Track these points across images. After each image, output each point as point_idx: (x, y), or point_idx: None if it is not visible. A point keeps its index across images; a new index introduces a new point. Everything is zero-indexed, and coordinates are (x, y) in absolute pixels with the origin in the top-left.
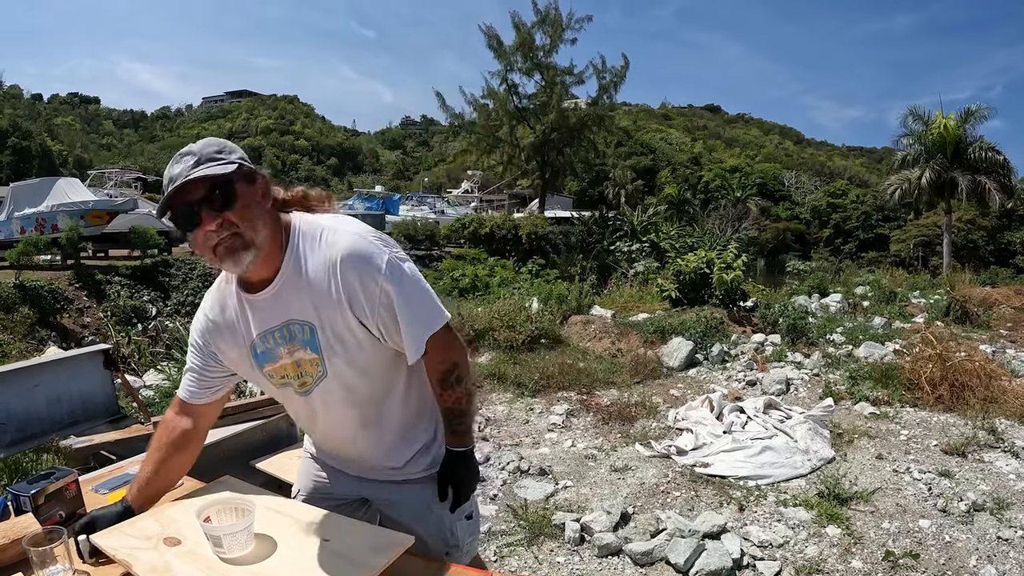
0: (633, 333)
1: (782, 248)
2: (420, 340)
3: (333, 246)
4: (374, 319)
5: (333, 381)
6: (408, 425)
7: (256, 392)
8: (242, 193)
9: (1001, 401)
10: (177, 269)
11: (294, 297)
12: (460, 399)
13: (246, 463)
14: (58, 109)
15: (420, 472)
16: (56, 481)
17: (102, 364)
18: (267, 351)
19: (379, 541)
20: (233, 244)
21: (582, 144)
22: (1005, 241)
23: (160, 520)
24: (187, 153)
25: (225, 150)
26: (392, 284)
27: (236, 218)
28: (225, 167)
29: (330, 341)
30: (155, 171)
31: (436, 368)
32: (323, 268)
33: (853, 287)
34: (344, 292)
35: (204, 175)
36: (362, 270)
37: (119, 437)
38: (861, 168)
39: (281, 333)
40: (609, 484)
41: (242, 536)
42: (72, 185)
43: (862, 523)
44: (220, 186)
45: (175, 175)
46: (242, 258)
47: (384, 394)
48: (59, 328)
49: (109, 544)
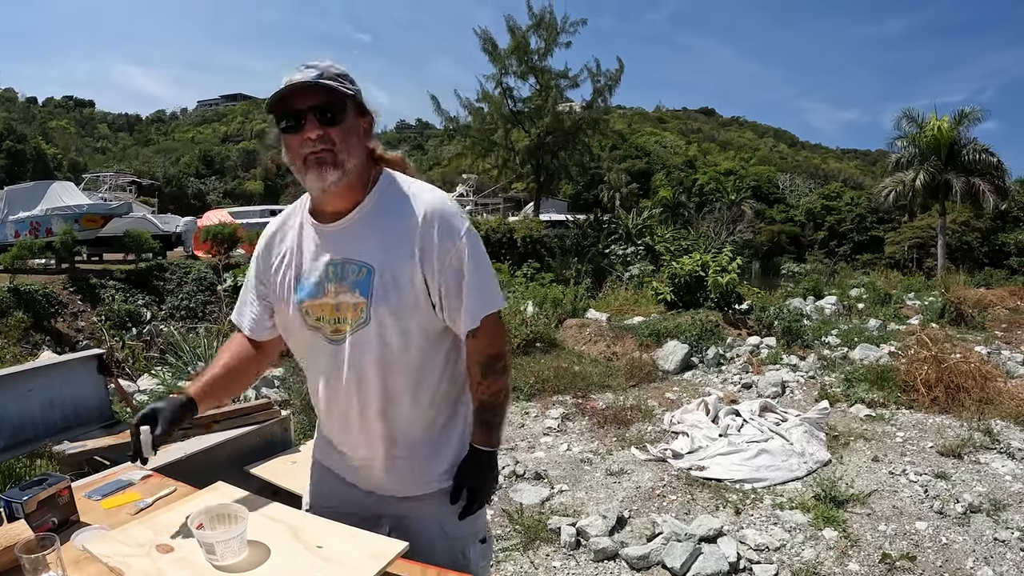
0: (628, 336)
1: (777, 251)
2: (478, 313)
3: (420, 198)
4: (439, 279)
5: (372, 331)
6: (432, 418)
7: (251, 397)
8: (350, 117)
9: (996, 402)
10: (172, 273)
11: (364, 235)
12: (499, 392)
13: (241, 468)
14: (53, 112)
15: (433, 484)
16: (49, 487)
17: (96, 369)
18: (314, 284)
19: (373, 547)
20: (324, 158)
21: (577, 147)
22: (999, 243)
23: (152, 527)
24: (312, 66)
25: (348, 78)
26: (467, 250)
27: (337, 136)
28: (344, 87)
29: (386, 287)
30: (150, 174)
31: (483, 351)
32: (405, 215)
33: (848, 289)
34: (420, 242)
35: (325, 84)
36: (444, 227)
37: (113, 442)
38: (855, 171)
39: (335, 269)
40: (605, 488)
41: (235, 543)
42: (67, 189)
43: (858, 526)
44: (334, 102)
45: (294, 80)
46: (327, 175)
47: (417, 366)
48: (53, 332)
49: (101, 551)
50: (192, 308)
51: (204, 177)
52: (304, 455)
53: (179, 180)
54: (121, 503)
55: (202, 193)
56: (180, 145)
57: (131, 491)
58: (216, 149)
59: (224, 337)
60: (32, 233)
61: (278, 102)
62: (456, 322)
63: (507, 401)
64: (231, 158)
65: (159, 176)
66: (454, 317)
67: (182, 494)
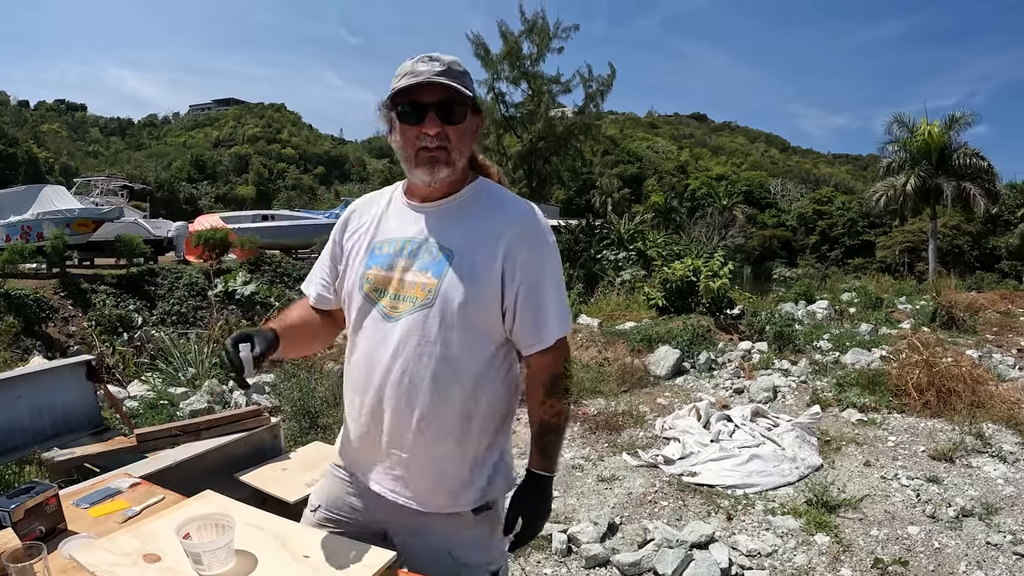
0: (620, 342)
1: (768, 255)
2: (556, 331)
3: (514, 202)
4: (518, 281)
5: (435, 315)
6: (475, 432)
7: (241, 403)
8: (469, 118)
9: (988, 406)
10: (163, 278)
11: (451, 222)
12: (560, 413)
13: (230, 476)
14: (45, 116)
15: (456, 505)
16: (36, 496)
17: (85, 375)
18: (386, 256)
19: (361, 557)
20: (438, 156)
21: (569, 153)
22: (990, 246)
23: (139, 536)
24: (435, 59)
25: (469, 76)
26: (550, 263)
27: (454, 135)
28: (467, 90)
29: (463, 272)
30: (141, 179)
31: (548, 370)
32: (497, 212)
33: (839, 294)
34: (507, 239)
35: (452, 84)
36: (533, 233)
37: (102, 449)
38: (847, 175)
39: (412, 247)
40: (596, 494)
41: (222, 553)
42: (58, 193)
43: (851, 531)
44: (459, 101)
45: (419, 72)
46: (438, 172)
47: (472, 370)
48: (44, 337)
49: (88, 560)
50: (183, 313)
51: (196, 182)
52: (295, 462)
53: (171, 184)
54: (109, 511)
55: (194, 198)
56: (172, 149)
57: (119, 499)
58: (208, 154)
59: (216, 343)
60: (23, 237)
61: (401, 94)
62: (526, 335)
63: (567, 424)
64: (223, 163)
65: (151, 180)
66: (525, 329)
67: (170, 502)
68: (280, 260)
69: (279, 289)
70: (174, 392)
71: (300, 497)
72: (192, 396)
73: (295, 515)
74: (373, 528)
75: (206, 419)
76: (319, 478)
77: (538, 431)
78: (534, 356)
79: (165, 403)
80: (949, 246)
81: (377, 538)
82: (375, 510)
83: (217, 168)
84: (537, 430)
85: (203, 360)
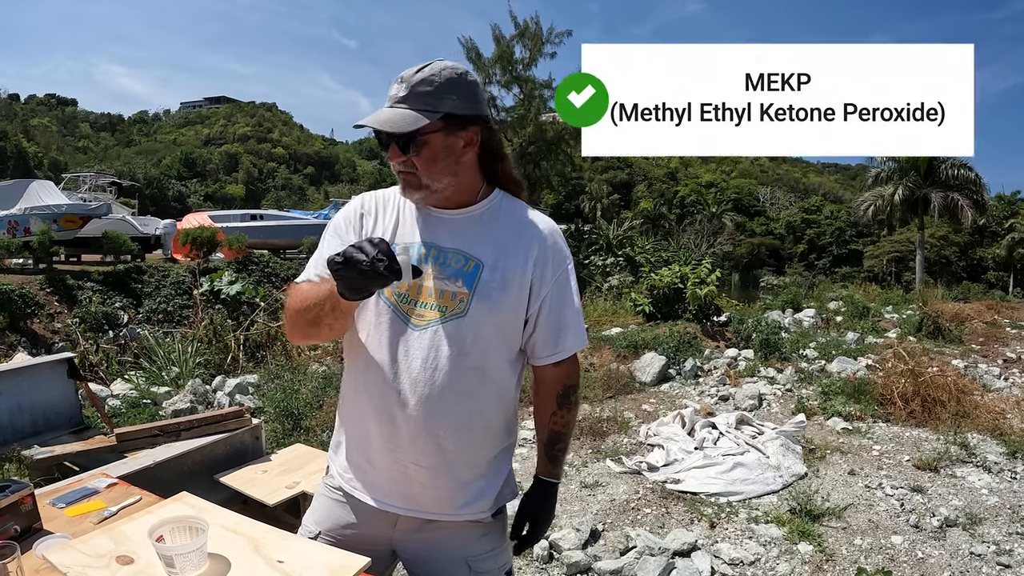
0: (606, 348)
1: (756, 263)
2: (574, 344)
3: (539, 217)
4: (543, 296)
5: (468, 326)
6: (494, 441)
7: (224, 404)
8: (431, 143)
9: (973, 416)
10: (150, 276)
11: (477, 232)
12: (570, 423)
13: (210, 477)
14: (35, 110)
15: (474, 512)
16: (11, 495)
17: (66, 373)
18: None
19: (334, 562)
20: (409, 180)
21: (559, 157)
22: (977, 257)
23: (113, 538)
24: (404, 80)
25: (435, 93)
26: (571, 278)
27: (417, 163)
28: (417, 119)
29: (494, 282)
30: (131, 175)
31: (562, 382)
32: (523, 225)
33: (826, 302)
34: (537, 251)
35: (384, 131)
36: (558, 248)
37: (82, 448)
38: (835, 184)
39: (443, 255)
40: (579, 500)
41: (195, 556)
42: (46, 188)
43: (834, 540)
44: (411, 135)
45: (390, 95)
46: (411, 194)
47: (498, 380)
48: (29, 334)
49: (60, 561)
50: (169, 312)
51: (185, 179)
52: (275, 464)
53: (160, 182)
54: (85, 511)
55: (183, 195)
56: (162, 147)
57: (96, 499)
58: (198, 152)
59: (199, 342)
60: (10, 232)
61: (375, 121)
62: (545, 345)
63: (572, 434)
64: (213, 161)
65: (140, 177)
66: (544, 340)
67: (147, 503)
68: (268, 260)
69: (265, 289)
70: (157, 391)
71: (279, 500)
72: (175, 396)
73: (274, 518)
74: (380, 547)
75: (187, 419)
76: (300, 480)
77: (547, 440)
78: (548, 367)
79: (148, 402)
80: (936, 256)
81: (384, 556)
82: (383, 528)
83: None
84: (546, 439)
85: (187, 359)
